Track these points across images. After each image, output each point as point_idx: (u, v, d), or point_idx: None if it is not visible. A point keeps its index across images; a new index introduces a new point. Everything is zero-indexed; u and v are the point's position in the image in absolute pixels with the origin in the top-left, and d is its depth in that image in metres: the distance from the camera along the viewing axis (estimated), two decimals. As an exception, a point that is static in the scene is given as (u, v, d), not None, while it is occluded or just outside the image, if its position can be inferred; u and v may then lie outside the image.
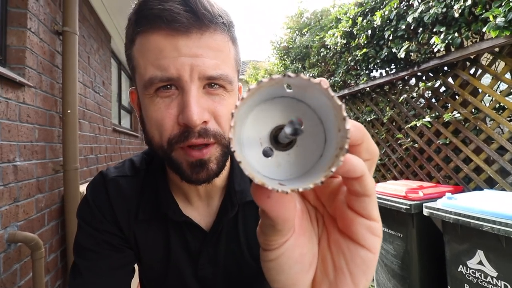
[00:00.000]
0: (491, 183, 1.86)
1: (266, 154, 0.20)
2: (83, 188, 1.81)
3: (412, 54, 2.27)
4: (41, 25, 1.52)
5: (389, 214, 1.77)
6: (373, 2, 2.68)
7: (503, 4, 1.52)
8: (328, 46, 3.33)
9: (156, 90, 0.42)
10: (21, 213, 1.29)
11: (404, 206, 1.62)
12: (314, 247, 0.24)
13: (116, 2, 2.68)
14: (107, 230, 0.53)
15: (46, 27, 1.58)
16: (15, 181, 1.26)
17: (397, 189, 1.77)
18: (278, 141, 0.19)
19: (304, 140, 0.20)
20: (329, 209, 0.24)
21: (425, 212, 1.52)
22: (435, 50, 1.99)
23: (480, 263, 1.28)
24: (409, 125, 2.30)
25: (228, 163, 0.56)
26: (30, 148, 1.40)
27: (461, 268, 1.37)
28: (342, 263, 0.22)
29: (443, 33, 1.90)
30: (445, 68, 2.11)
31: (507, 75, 1.81)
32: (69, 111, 1.67)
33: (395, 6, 2.36)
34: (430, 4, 2.02)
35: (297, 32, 4.85)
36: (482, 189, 1.80)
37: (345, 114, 0.17)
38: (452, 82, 2.05)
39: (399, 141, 2.43)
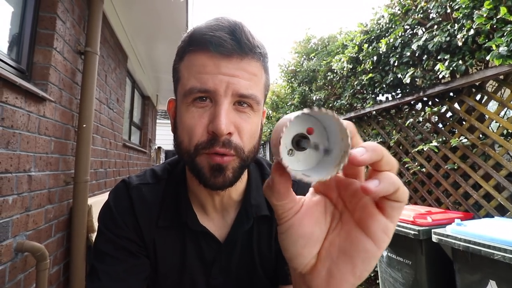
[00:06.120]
0: (502, 211, 1.81)
1: (290, 153, 0.28)
2: (91, 201, 1.84)
3: (418, 79, 2.32)
4: (66, 45, 1.63)
5: (397, 239, 1.72)
6: (379, 30, 2.79)
7: (505, 34, 1.58)
8: (335, 71, 3.43)
9: (193, 100, 0.48)
10: (30, 223, 1.32)
11: (413, 232, 1.58)
12: (320, 231, 0.29)
13: (135, 26, 2.87)
14: (127, 236, 0.55)
15: (70, 47, 1.69)
16: (28, 191, 1.30)
17: (404, 214, 1.74)
18: (299, 144, 0.28)
19: (314, 141, 0.29)
20: (349, 205, 0.29)
21: (434, 238, 1.48)
22: (440, 76, 2.03)
23: (493, 294, 1.23)
24: (416, 149, 2.29)
25: (244, 178, 0.60)
26: (45, 159, 1.45)
27: (473, 299, 1.31)
28: (347, 248, 0.27)
29: (448, 61, 1.96)
30: (451, 93, 2.14)
31: (514, 102, 1.82)
32: (84, 125, 1.74)
33: (399, 35, 2.45)
34: (434, 33, 2.09)
35: (304, 56, 5.01)
36: (493, 217, 1.75)
37: (345, 127, 0.24)
38: (459, 108, 2.06)
39: (407, 165, 2.41)
